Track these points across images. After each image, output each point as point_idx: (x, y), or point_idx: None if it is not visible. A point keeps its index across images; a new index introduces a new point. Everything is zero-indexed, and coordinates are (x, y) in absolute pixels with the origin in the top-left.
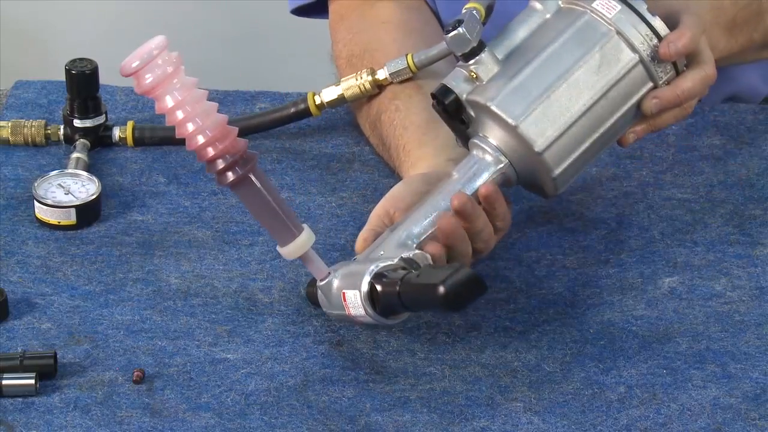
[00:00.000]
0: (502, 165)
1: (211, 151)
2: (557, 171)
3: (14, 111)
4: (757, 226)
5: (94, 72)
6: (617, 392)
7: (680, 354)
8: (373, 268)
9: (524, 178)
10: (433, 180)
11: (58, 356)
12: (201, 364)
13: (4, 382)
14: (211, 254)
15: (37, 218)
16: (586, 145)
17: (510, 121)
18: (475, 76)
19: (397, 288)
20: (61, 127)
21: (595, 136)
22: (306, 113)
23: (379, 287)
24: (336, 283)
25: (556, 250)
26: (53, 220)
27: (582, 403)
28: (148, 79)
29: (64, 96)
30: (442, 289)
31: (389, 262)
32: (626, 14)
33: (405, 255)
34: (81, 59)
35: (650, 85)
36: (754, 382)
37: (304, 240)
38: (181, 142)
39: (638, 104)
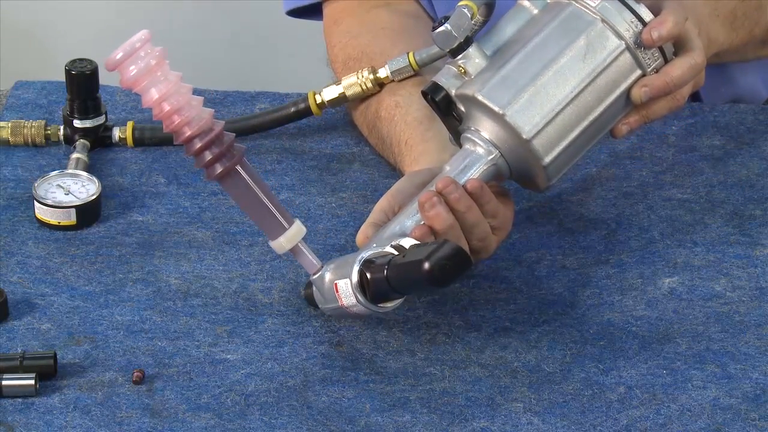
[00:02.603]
0: (492, 156)
1: (197, 143)
2: (547, 159)
3: (14, 111)
4: (757, 227)
5: (94, 72)
6: (617, 393)
7: (680, 354)
8: (363, 255)
9: (516, 170)
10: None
11: (58, 357)
12: (201, 364)
13: (4, 382)
14: (211, 254)
15: (37, 218)
16: (576, 133)
17: (496, 109)
18: (463, 71)
19: (385, 271)
20: (61, 127)
21: (585, 123)
22: (306, 113)
23: (368, 273)
24: (328, 275)
25: (556, 251)
26: (53, 221)
27: (582, 404)
28: (132, 71)
29: (64, 96)
30: (427, 265)
31: (379, 250)
32: (611, 2)
33: (395, 243)
34: (81, 59)
35: (638, 72)
36: (754, 382)
37: (293, 233)
38: None
39: (628, 93)
